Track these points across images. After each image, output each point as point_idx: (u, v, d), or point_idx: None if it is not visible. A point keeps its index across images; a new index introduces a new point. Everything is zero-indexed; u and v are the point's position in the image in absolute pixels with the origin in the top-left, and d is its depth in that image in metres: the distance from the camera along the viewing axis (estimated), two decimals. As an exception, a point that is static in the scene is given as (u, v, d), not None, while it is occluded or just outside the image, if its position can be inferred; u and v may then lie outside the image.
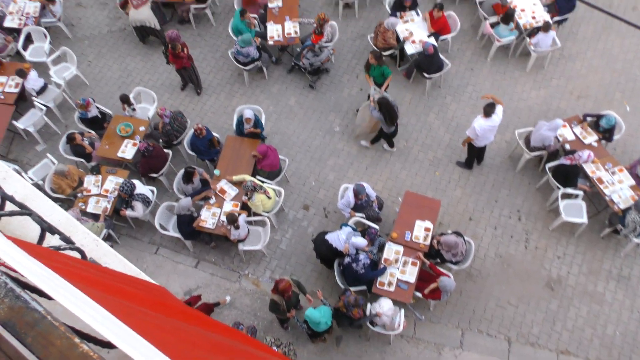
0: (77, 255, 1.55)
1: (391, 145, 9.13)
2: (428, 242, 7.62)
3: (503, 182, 8.92)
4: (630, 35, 10.10)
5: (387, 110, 8.21)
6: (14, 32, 9.78)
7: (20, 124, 8.97)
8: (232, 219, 7.46)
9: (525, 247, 8.34)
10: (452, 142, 9.36)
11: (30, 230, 1.28)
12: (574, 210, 8.00)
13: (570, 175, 7.91)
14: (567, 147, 8.34)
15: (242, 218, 7.72)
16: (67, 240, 1.26)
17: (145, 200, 8.08)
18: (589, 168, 7.99)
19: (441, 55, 9.21)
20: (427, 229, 7.72)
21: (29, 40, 9.83)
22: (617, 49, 10.03)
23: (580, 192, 7.95)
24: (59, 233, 1.28)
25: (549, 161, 8.51)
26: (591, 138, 8.33)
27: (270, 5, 9.87)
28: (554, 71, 9.85)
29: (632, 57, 9.91)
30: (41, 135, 9.37)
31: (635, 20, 8.90)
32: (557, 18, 9.55)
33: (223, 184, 8.20)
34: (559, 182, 8.05)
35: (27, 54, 9.69)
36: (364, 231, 7.74)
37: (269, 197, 7.98)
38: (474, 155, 8.69)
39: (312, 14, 10.61)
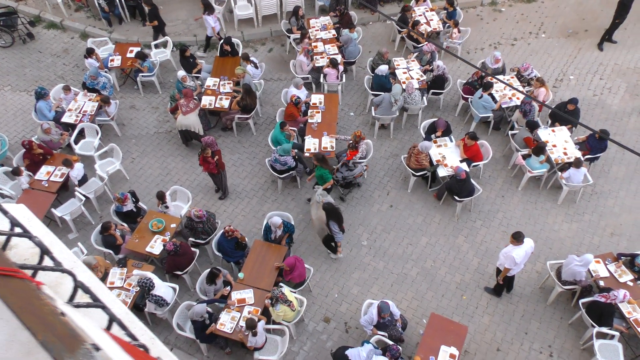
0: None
1: (334, 252, 9.18)
2: (453, 371, 7.20)
3: (533, 314, 8.57)
4: (663, 178, 10.20)
5: (334, 214, 8.57)
6: (69, 127, 10.47)
7: (58, 212, 9.26)
8: (251, 325, 7.26)
9: (558, 387, 7.79)
10: (480, 266, 9.20)
11: (96, 320, 1.30)
12: (609, 351, 7.53)
13: (605, 314, 7.58)
14: (602, 283, 8.09)
15: (261, 325, 7.52)
16: (132, 336, 1.27)
17: (159, 303, 7.97)
18: (625, 308, 7.66)
19: (473, 181, 9.39)
20: (452, 356, 7.34)
21: (81, 134, 10.48)
22: (650, 190, 10.09)
23: (617, 333, 7.56)
24: (125, 329, 1.29)
25: (582, 296, 8.22)
26: (627, 277, 8.09)
27: (310, 120, 10.42)
28: (586, 206, 9.86)
29: (665, 199, 9.91)
30: (75, 223, 9.61)
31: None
32: (588, 156, 9.77)
33: (240, 295, 8.08)
34: (592, 320, 7.70)
35: (77, 147, 10.27)
36: (385, 349, 7.40)
37: (293, 310, 7.83)
38: (506, 283, 8.48)
39: (348, 131, 11.14)
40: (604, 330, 7.59)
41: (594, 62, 12.43)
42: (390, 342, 7.57)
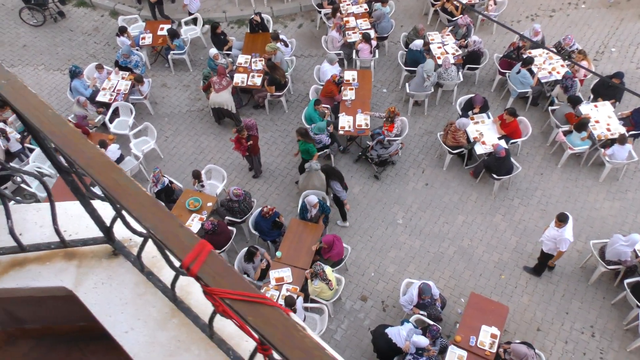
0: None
1: (344, 218, 9.35)
2: (494, 349, 7.16)
3: (574, 294, 8.44)
4: None
5: (334, 173, 8.86)
6: (104, 106, 10.50)
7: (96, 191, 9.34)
8: (290, 302, 7.30)
9: (600, 368, 7.70)
10: (519, 245, 9.06)
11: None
12: (655, 332, 7.40)
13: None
14: (647, 263, 7.90)
15: (300, 302, 7.56)
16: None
17: None
18: (672, 288, 7.48)
19: (512, 159, 9.18)
20: (493, 336, 7.29)
21: (115, 113, 10.52)
22: (697, 165, 9.74)
23: (664, 314, 7.40)
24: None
25: (626, 276, 8.05)
26: (675, 256, 7.88)
27: (343, 97, 10.27)
28: (629, 184, 9.59)
29: None
30: (113, 202, 9.69)
31: None
32: (633, 132, 9.44)
33: (278, 273, 8.10)
34: (638, 300, 7.54)
35: (112, 126, 10.32)
36: (425, 328, 7.39)
37: (331, 289, 7.84)
38: (547, 262, 8.35)
39: (381, 108, 10.96)
40: (651, 310, 7.44)
41: (638, 33, 11.93)
42: (430, 322, 7.55)
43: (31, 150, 9.79)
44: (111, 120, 10.40)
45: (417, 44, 10.54)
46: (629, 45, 11.71)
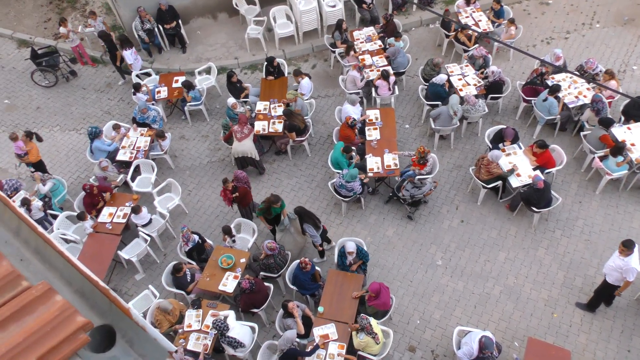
0: None
1: (322, 255, 9.26)
2: (561, 400, 6.75)
3: (634, 329, 8.04)
4: None
5: (307, 215, 8.67)
6: (124, 165, 10.29)
7: (125, 254, 9.08)
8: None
9: (673, 408, 7.27)
10: (567, 280, 8.70)
11: None
12: None
13: None
14: None
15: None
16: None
17: (233, 345, 7.62)
18: None
19: (552, 191, 8.91)
20: (558, 384, 6.89)
21: (136, 171, 10.29)
22: None
23: None
24: None
25: (688, 307, 7.68)
26: None
27: (368, 138, 10.05)
28: (673, 206, 9.30)
29: None
30: (140, 263, 9.41)
31: None
32: (671, 152, 9.18)
33: (322, 330, 7.74)
34: None
35: (134, 185, 10.09)
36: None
37: (377, 343, 7.46)
38: (604, 296, 7.98)
39: (406, 144, 10.75)
40: None
41: (657, 49, 11.80)
42: (490, 373, 7.16)
43: (54, 217, 9.54)
44: (133, 179, 10.18)
45: (442, 78, 10.37)
46: (651, 62, 11.56)
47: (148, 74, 11.98)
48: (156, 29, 12.39)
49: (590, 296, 8.26)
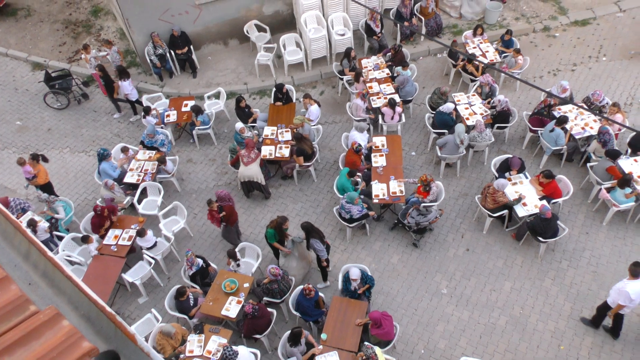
0: None
1: (325, 278, 9.27)
2: None
3: (642, 364, 7.91)
4: None
5: (314, 230, 8.70)
6: (131, 187, 10.37)
7: (129, 277, 9.07)
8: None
9: None
10: (573, 312, 8.60)
11: None
12: None
13: None
14: None
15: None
16: None
17: None
18: None
19: (558, 221, 8.87)
20: (565, 420, 6.74)
21: (143, 193, 10.36)
22: None
23: None
24: None
25: (698, 342, 7.55)
26: None
27: (374, 165, 10.09)
28: (681, 239, 9.22)
29: None
30: (144, 287, 9.39)
31: None
32: (678, 185, 9.15)
33: (325, 358, 7.64)
34: None
35: (141, 207, 10.14)
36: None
37: None
38: (621, 323, 7.97)
39: (412, 171, 10.77)
40: None
41: (662, 82, 11.86)
42: (495, 406, 7.04)
43: (60, 239, 9.58)
44: (139, 201, 10.24)
45: (449, 106, 10.46)
46: (657, 95, 11.61)
47: (140, 102, 11.99)
48: (168, 54, 12.62)
49: (594, 314, 8.24)
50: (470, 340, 8.45)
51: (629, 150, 9.89)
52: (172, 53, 12.67)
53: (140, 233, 9.09)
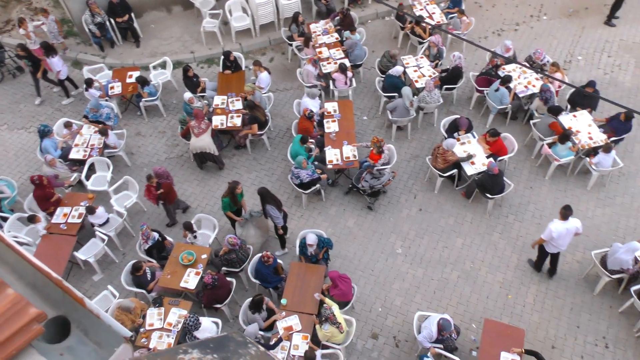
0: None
1: (283, 246, 9.33)
2: (517, 377, 7.06)
3: (582, 306, 8.47)
4: (688, 152, 10.17)
5: (270, 196, 8.72)
6: (78, 163, 10.01)
7: (81, 255, 8.85)
8: (310, 356, 7.04)
9: (619, 379, 7.71)
10: (520, 263, 9.06)
11: None
12: (668, 337, 7.48)
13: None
14: (650, 269, 8.01)
15: (319, 354, 7.30)
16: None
17: None
18: (679, 292, 7.59)
19: (505, 177, 9.23)
20: (514, 362, 7.20)
21: (91, 169, 10.04)
22: (678, 165, 10.04)
23: (675, 319, 7.49)
24: None
25: (630, 284, 8.14)
26: (675, 259, 8.02)
27: (327, 130, 10.13)
28: (616, 189, 9.78)
29: (695, 173, 9.88)
30: (98, 264, 9.20)
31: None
32: (613, 138, 9.66)
33: (286, 322, 7.80)
34: (649, 308, 7.62)
35: (89, 184, 9.84)
36: (446, 364, 7.25)
37: (341, 332, 7.59)
38: (544, 258, 8.54)
39: (364, 136, 10.88)
40: (662, 317, 7.52)
41: (599, 40, 12.35)
42: (449, 355, 7.41)
43: (4, 220, 9.20)
44: (87, 177, 9.92)
45: (398, 69, 10.55)
46: (594, 53, 12.09)
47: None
48: (108, 23, 12.06)
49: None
50: (424, 296, 8.79)
51: (569, 107, 10.32)
52: (112, 21, 12.11)
53: (91, 210, 8.85)
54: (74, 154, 9.98)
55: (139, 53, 12.52)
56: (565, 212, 7.88)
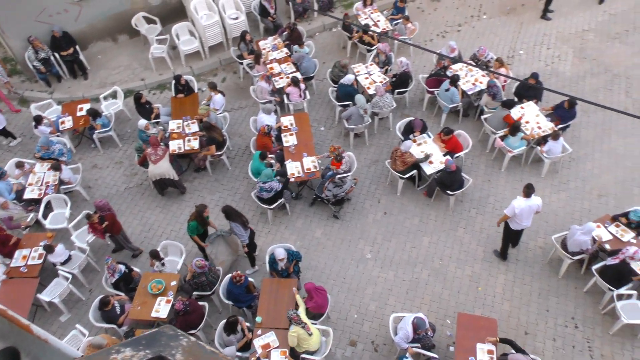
0: None
1: (253, 264, 9.29)
2: (495, 366, 7.21)
3: (549, 290, 8.73)
4: (630, 134, 10.67)
5: (235, 213, 8.71)
6: (33, 203, 9.74)
7: (45, 297, 8.58)
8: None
9: (591, 356, 7.95)
10: (486, 255, 9.28)
11: None
12: (631, 311, 7.78)
13: (623, 275, 7.81)
14: (607, 247, 8.34)
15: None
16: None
17: None
18: (636, 266, 7.91)
19: (463, 173, 9.48)
20: (490, 352, 7.34)
21: (48, 207, 9.77)
22: (622, 148, 10.50)
23: (635, 292, 7.82)
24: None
25: (591, 263, 8.45)
26: (628, 235, 8.38)
27: (286, 145, 10.18)
28: (568, 174, 10.17)
29: (638, 154, 10.35)
30: (65, 303, 8.94)
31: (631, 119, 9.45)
32: (560, 125, 10.06)
33: (263, 340, 7.74)
34: (611, 284, 7.92)
35: (47, 222, 9.58)
36: (425, 363, 7.34)
37: (310, 334, 7.52)
38: (509, 239, 8.82)
39: (323, 146, 10.98)
40: (623, 291, 7.83)
41: (538, 33, 12.88)
42: (427, 353, 7.51)
43: (-40, 268, 8.84)
44: (45, 216, 9.65)
45: (350, 78, 10.74)
46: (534, 46, 12.60)
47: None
48: (52, 58, 11.84)
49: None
50: (398, 298, 8.88)
51: (516, 99, 10.70)
52: (57, 56, 11.89)
53: (49, 249, 8.61)
54: (28, 194, 9.71)
55: (88, 85, 12.32)
56: (528, 190, 8.21)
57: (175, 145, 10.29)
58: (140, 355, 1.81)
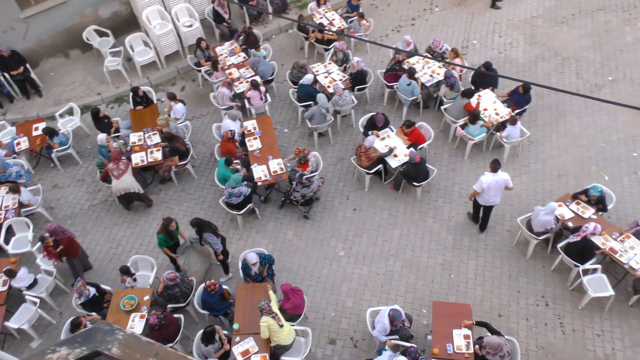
0: None
1: (226, 271, 9.23)
2: (471, 350, 7.35)
3: (518, 271, 8.96)
4: (584, 114, 11.03)
5: (205, 224, 8.65)
6: (-6, 228, 9.42)
7: (13, 324, 8.31)
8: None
9: (563, 332, 8.20)
10: (456, 242, 9.46)
11: None
12: (597, 284, 8.06)
13: (586, 250, 8.08)
14: (570, 224, 8.61)
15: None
16: None
17: None
18: (598, 241, 8.20)
19: (427, 164, 9.64)
20: (466, 337, 7.49)
21: (9, 232, 9.47)
22: (577, 128, 10.85)
23: (599, 266, 8.10)
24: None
25: (556, 242, 8.71)
26: (589, 212, 8.67)
27: (250, 149, 10.14)
28: (528, 157, 10.45)
29: (593, 132, 10.72)
30: (34, 329, 8.68)
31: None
32: (517, 110, 10.33)
33: (242, 346, 7.68)
34: (576, 260, 8.18)
35: (10, 247, 9.28)
36: (404, 352, 7.41)
37: (281, 325, 7.49)
38: (479, 210, 9.20)
39: (287, 148, 10.99)
40: (587, 266, 8.10)
41: (489, 22, 13.19)
42: (406, 344, 7.60)
43: None
44: (7, 241, 9.35)
45: (309, 78, 10.78)
46: (486, 35, 12.90)
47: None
48: (2, 78, 11.46)
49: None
50: (373, 292, 8.96)
51: (473, 88, 10.93)
52: (7, 75, 11.53)
53: (10, 274, 8.34)
54: (-13, 220, 9.38)
55: (42, 103, 12.00)
56: (495, 166, 8.52)
57: (138, 158, 10.12)
58: (76, 353, 1.80)
